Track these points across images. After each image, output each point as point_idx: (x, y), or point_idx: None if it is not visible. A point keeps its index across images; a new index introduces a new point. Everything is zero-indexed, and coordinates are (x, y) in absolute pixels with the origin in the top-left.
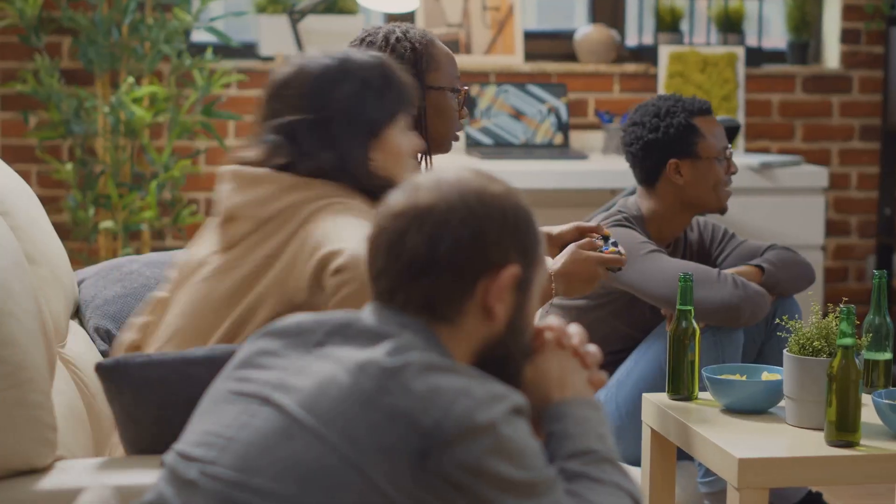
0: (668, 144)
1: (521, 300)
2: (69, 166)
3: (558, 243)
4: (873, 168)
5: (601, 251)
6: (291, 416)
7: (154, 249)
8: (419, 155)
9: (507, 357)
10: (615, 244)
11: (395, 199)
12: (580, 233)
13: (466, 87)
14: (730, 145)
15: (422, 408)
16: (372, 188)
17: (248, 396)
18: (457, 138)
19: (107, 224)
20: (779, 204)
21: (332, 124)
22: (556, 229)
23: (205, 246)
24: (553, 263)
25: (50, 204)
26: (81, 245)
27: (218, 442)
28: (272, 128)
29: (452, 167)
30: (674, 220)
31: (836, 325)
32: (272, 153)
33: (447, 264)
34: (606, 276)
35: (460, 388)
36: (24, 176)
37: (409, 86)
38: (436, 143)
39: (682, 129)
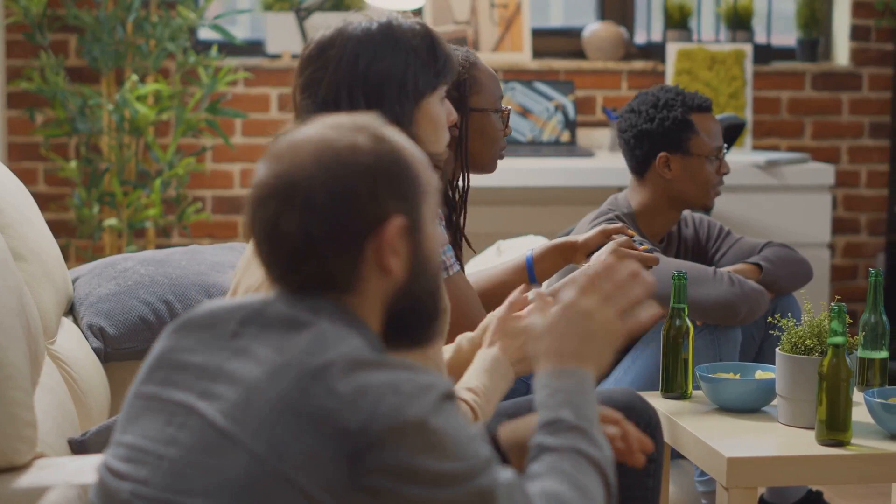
0: (661, 137)
1: (414, 244)
2: (74, 164)
3: (585, 250)
4: (883, 165)
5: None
6: (218, 429)
7: (159, 247)
8: (460, 175)
9: (416, 303)
10: (641, 243)
11: (259, 176)
12: (606, 236)
13: (508, 108)
14: (724, 146)
15: (349, 409)
16: None
17: (172, 404)
18: (502, 157)
19: (111, 222)
20: (785, 201)
21: (381, 89)
22: (581, 237)
23: None
24: (595, 258)
25: (56, 201)
26: (86, 243)
27: (148, 459)
28: (314, 93)
29: (315, 123)
30: (662, 214)
31: (828, 323)
32: None
33: (328, 241)
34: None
35: (386, 385)
36: (31, 173)
37: (451, 56)
38: (479, 163)
39: (677, 124)
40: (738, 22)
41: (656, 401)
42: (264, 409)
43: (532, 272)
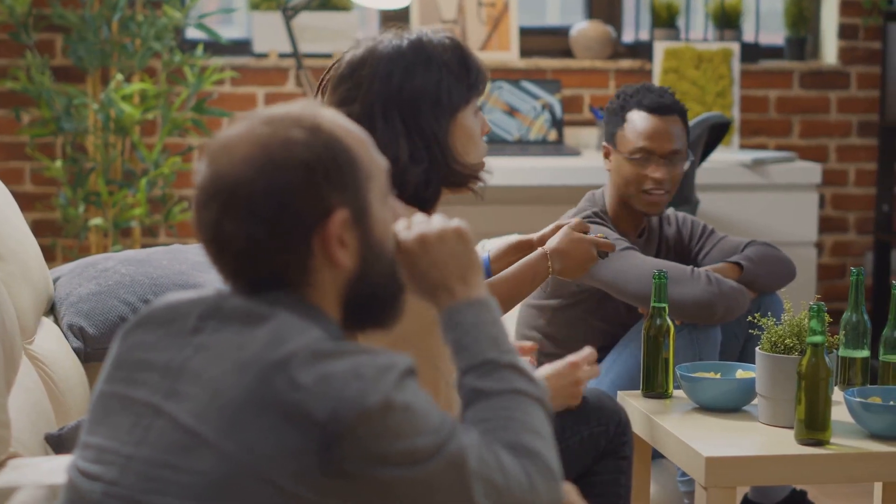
0: (605, 125)
1: (363, 232)
2: (59, 163)
3: (542, 246)
4: (871, 164)
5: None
6: (186, 429)
7: (145, 246)
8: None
9: (374, 288)
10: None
11: (199, 177)
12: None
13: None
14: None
15: (314, 399)
16: (453, 174)
17: (138, 404)
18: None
19: (96, 221)
20: (772, 200)
21: (416, 106)
22: (536, 234)
23: None
24: (549, 242)
25: (42, 201)
26: (72, 242)
27: (117, 460)
28: (347, 112)
29: (249, 119)
30: (622, 209)
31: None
32: None
33: (272, 242)
34: (598, 259)
35: (349, 371)
36: (18, 173)
37: (482, 68)
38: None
39: (611, 114)
40: (726, 21)
41: (637, 400)
42: (230, 407)
43: (489, 273)
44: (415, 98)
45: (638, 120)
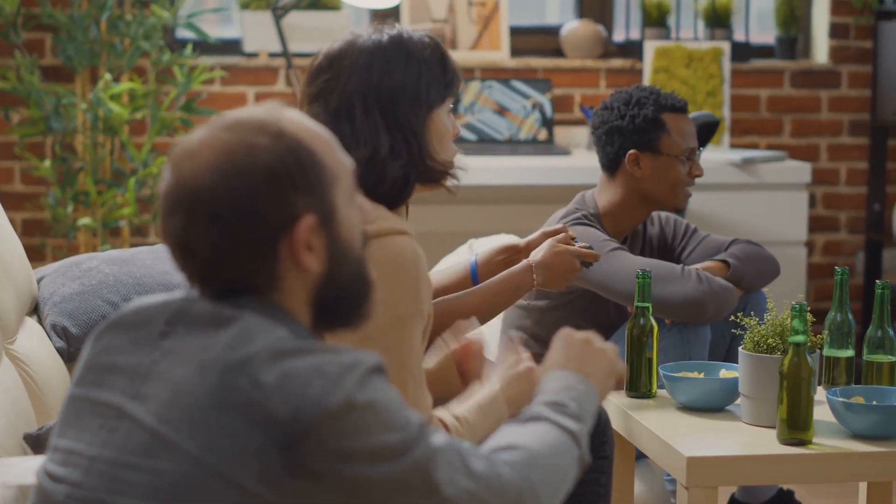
0: (632, 134)
1: (330, 235)
2: (48, 163)
3: (528, 253)
4: (862, 163)
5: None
6: (150, 430)
7: (134, 246)
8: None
9: (342, 290)
10: (590, 246)
11: (163, 183)
12: (547, 238)
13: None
14: (700, 149)
15: (276, 399)
16: (428, 170)
17: (105, 406)
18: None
19: (85, 221)
20: (762, 200)
21: (395, 99)
22: (523, 240)
23: None
24: (533, 255)
25: (32, 200)
26: (61, 242)
27: (82, 462)
28: (325, 102)
29: (213, 124)
30: (630, 212)
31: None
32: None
33: (238, 251)
34: (580, 270)
35: (312, 370)
36: (8, 172)
37: (459, 70)
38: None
39: (648, 122)
40: (717, 20)
41: (621, 400)
42: (194, 408)
43: (476, 277)
44: (394, 92)
45: (677, 121)
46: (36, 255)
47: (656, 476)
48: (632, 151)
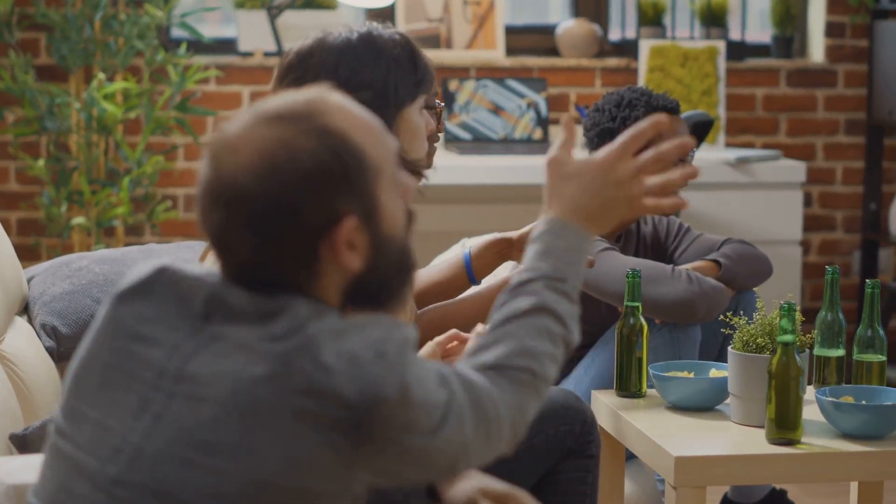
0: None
1: (373, 231)
2: (41, 162)
3: (520, 246)
4: (858, 163)
5: None
6: (205, 423)
7: (128, 245)
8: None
9: (382, 280)
10: None
11: (202, 177)
12: None
13: (441, 104)
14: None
15: (342, 380)
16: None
17: (143, 385)
18: (433, 151)
19: (79, 220)
20: (756, 199)
21: (363, 98)
22: (516, 233)
23: None
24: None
25: (27, 200)
26: (56, 241)
27: (124, 448)
28: None
29: (253, 114)
30: None
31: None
32: None
33: (278, 252)
34: None
35: (371, 350)
36: (3, 172)
37: (430, 66)
38: (411, 165)
39: (638, 122)
40: (713, 19)
41: (611, 399)
42: (255, 399)
43: (470, 270)
44: (362, 89)
45: (669, 123)
46: (31, 255)
47: (648, 476)
48: None
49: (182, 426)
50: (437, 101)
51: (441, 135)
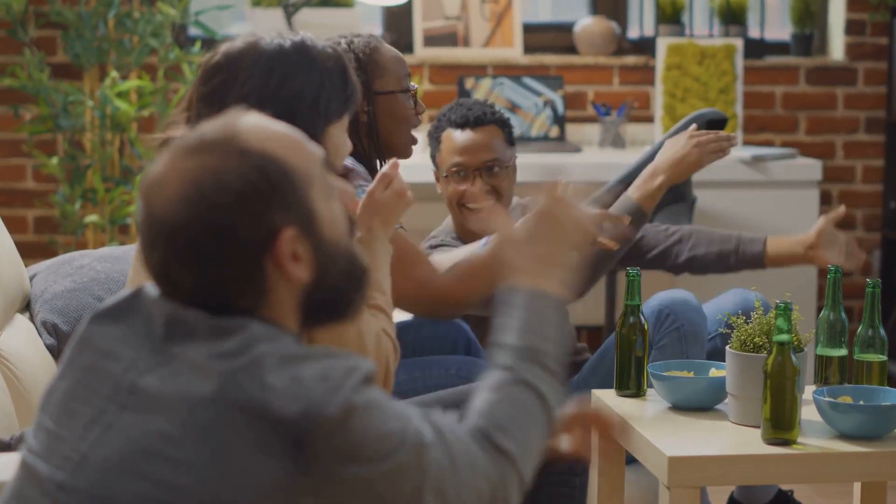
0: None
1: (314, 240)
2: (55, 160)
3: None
4: (878, 161)
5: None
6: (151, 433)
7: None
8: (377, 161)
9: (334, 290)
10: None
11: (138, 215)
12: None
13: (415, 87)
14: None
15: (283, 401)
16: None
17: (101, 398)
18: (414, 141)
19: (92, 218)
20: (772, 197)
21: (293, 106)
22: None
23: None
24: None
25: (42, 198)
26: (70, 239)
27: (71, 455)
28: (219, 102)
29: (174, 150)
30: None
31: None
32: None
33: (222, 277)
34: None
35: (317, 374)
36: (19, 170)
37: (358, 87)
38: (394, 148)
39: (429, 136)
40: (731, 16)
41: (610, 399)
42: (200, 412)
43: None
44: (292, 98)
45: (449, 137)
46: (46, 253)
47: (651, 477)
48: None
49: (130, 436)
50: (411, 83)
51: (418, 125)
